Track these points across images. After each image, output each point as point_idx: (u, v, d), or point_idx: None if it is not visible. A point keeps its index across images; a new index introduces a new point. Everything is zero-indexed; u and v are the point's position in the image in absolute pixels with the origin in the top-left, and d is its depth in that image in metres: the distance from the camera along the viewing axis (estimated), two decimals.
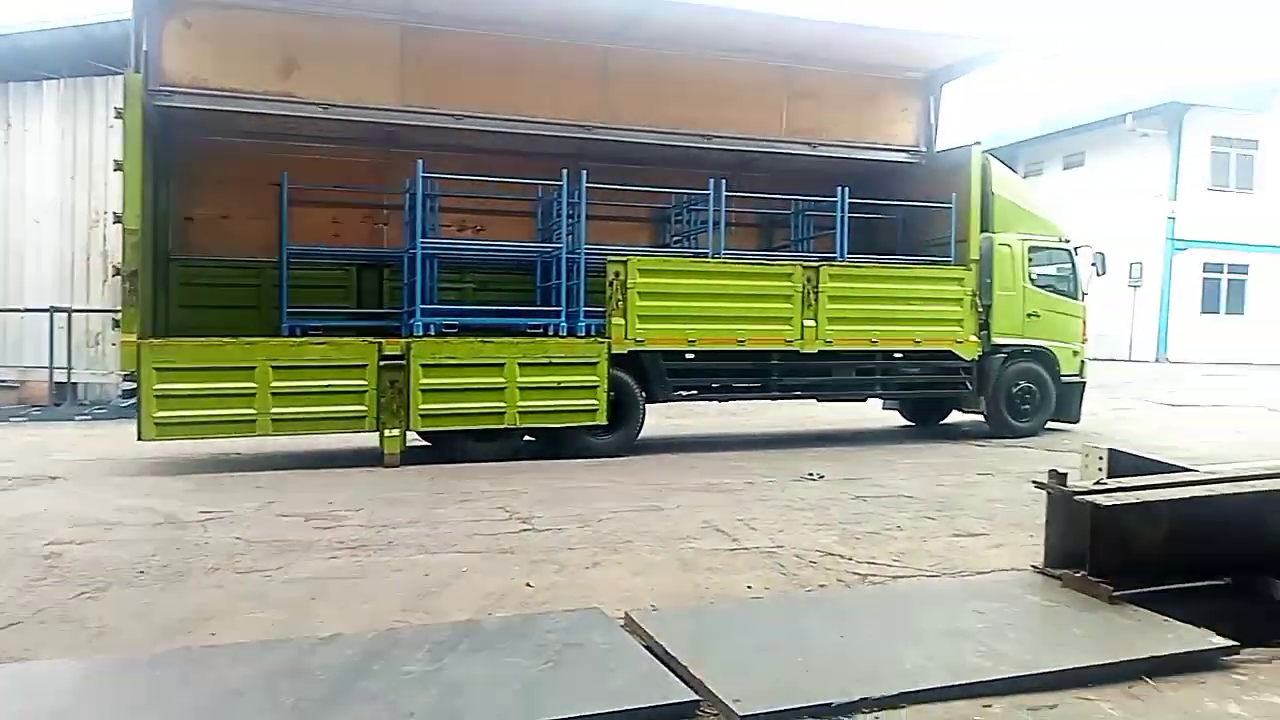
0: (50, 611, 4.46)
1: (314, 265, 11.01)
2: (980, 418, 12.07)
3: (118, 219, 8.89)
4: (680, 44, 11.29)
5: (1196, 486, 4.68)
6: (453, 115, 10.60)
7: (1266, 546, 4.53)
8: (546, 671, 3.60)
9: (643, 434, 10.58)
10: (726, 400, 12.28)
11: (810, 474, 8.68)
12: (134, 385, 9.63)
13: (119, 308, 8.98)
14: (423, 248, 9.87)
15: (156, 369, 8.60)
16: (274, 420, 8.97)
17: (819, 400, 12.50)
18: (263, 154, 10.87)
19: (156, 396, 8.59)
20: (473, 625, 4.19)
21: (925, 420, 13.32)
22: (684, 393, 10.92)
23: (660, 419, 12.72)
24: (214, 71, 9.83)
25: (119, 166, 8.79)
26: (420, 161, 9.81)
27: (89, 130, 17.55)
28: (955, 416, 12.98)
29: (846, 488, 8.05)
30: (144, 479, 8.68)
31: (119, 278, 8.86)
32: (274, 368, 8.95)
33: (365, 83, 10.33)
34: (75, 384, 16.90)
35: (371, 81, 10.36)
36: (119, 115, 8.83)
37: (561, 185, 10.22)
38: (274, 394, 8.93)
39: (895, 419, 13.68)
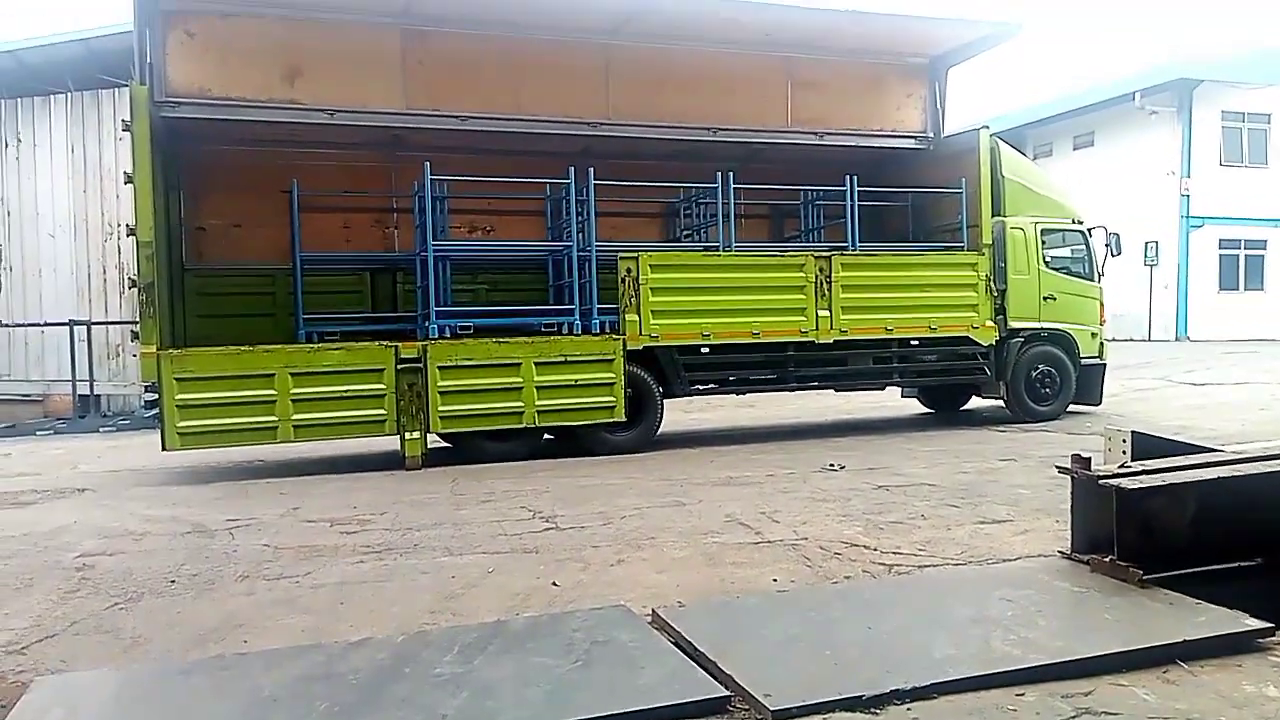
0: (85, 623, 4.51)
1: (327, 271, 11.05)
2: (1000, 403, 12.02)
3: (131, 231, 8.96)
4: (681, 38, 11.26)
5: (1223, 467, 4.65)
6: (457, 117, 10.61)
7: None
8: (576, 670, 3.61)
9: (661, 429, 10.59)
10: (744, 393, 12.26)
11: (831, 464, 8.67)
12: (156, 396, 9.70)
13: (137, 319, 9.05)
14: (434, 250, 9.87)
15: (177, 379, 8.66)
16: (295, 426, 9.02)
17: (836, 390, 12.47)
18: (271, 161, 10.91)
19: (179, 407, 8.66)
20: (501, 626, 4.20)
21: (944, 407, 13.28)
22: (701, 386, 10.91)
23: (678, 413, 12.75)
24: (219, 81, 9.86)
25: (129, 179, 8.84)
26: (427, 164, 9.80)
27: (98, 143, 17.68)
28: (975, 402, 12.94)
29: (868, 477, 8.03)
30: (170, 489, 8.76)
31: (136, 289, 8.93)
32: (292, 374, 9.00)
33: (369, 87, 10.35)
34: (98, 396, 17.07)
35: (375, 85, 10.37)
36: (127, 128, 8.88)
37: (569, 183, 10.23)
38: (294, 400, 8.98)
39: (914, 406, 13.65)
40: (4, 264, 17.70)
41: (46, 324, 17.03)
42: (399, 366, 9.30)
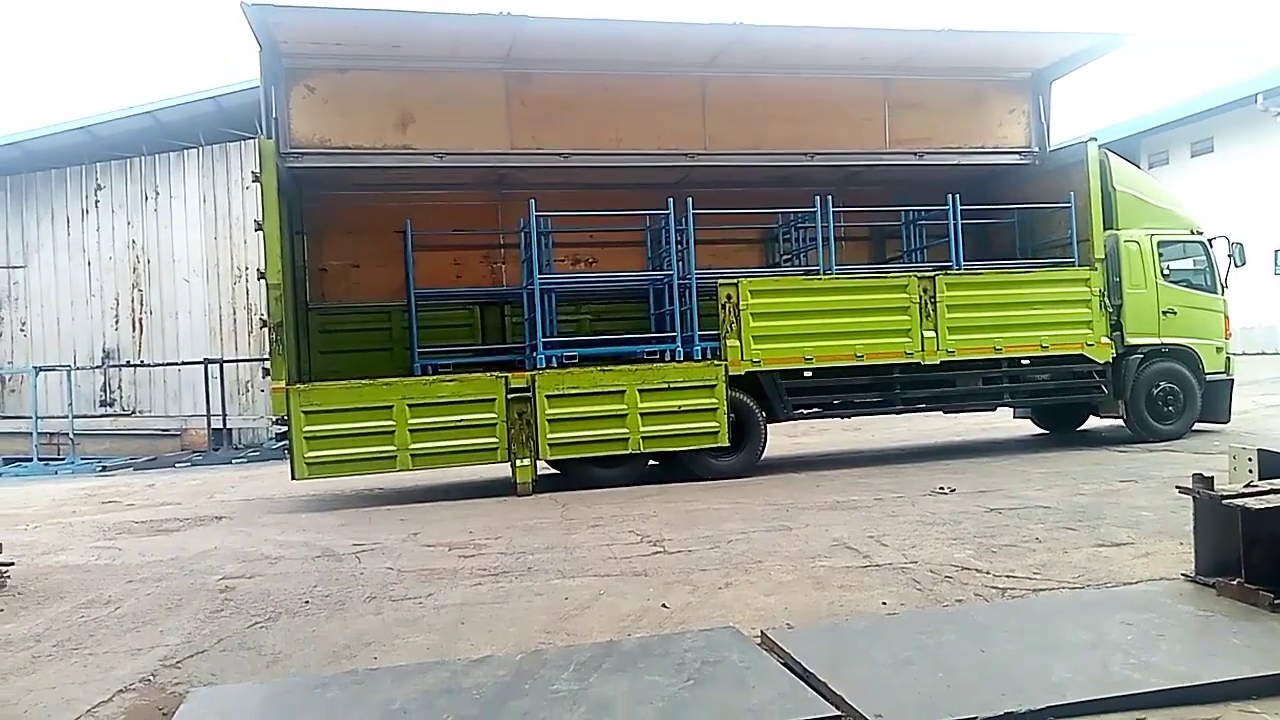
0: (230, 640, 4.86)
1: (439, 306, 11.51)
2: (1120, 422, 11.58)
3: (260, 275, 9.56)
4: (775, 65, 11.35)
5: None
6: (559, 153, 10.98)
7: None
8: (688, 689, 3.70)
9: (766, 453, 10.60)
10: (849, 416, 12.15)
11: (941, 488, 8.53)
12: (284, 429, 10.26)
13: (265, 357, 9.63)
14: (540, 283, 10.22)
15: (305, 412, 9.17)
16: (413, 455, 9.43)
17: (945, 412, 12.23)
18: (386, 204, 11.46)
19: (306, 438, 9.17)
20: (613, 645, 4.33)
21: (1060, 427, 12.85)
22: (805, 411, 10.89)
23: (782, 438, 12.72)
24: (337, 131, 10.46)
25: (259, 226, 9.47)
26: (532, 201, 10.17)
27: (227, 192, 18.92)
28: (1093, 422, 12.49)
29: (979, 500, 7.87)
30: (298, 515, 9.26)
31: (265, 329, 9.51)
32: (410, 405, 9.42)
33: (475, 130, 10.82)
34: (230, 429, 18.14)
35: (481, 128, 10.83)
36: (255, 178, 9.54)
37: (668, 213, 10.43)
38: (411, 431, 9.40)
39: (1028, 427, 13.27)
40: (145, 308, 19.06)
41: (183, 363, 18.24)
42: (509, 396, 9.62)
